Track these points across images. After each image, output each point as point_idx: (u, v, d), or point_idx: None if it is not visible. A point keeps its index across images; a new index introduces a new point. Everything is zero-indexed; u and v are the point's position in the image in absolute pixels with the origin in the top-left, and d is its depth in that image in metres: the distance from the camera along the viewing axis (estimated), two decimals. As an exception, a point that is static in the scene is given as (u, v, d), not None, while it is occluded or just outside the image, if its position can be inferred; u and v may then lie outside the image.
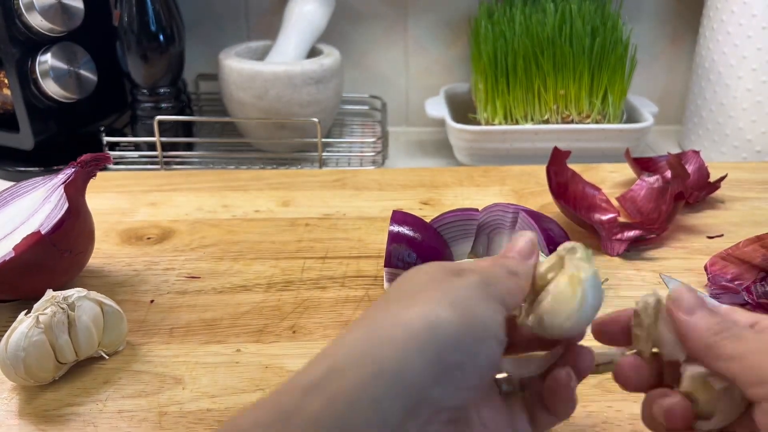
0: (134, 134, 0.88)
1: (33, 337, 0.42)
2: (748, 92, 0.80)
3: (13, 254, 0.48)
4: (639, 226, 0.61)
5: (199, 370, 0.46)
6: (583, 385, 0.43)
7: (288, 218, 0.66)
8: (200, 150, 0.89)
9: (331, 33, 0.93)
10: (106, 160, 0.54)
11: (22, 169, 0.81)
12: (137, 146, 0.87)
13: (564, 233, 0.55)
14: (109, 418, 0.42)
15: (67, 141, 0.85)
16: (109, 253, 0.60)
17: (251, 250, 0.61)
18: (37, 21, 0.73)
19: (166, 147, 0.84)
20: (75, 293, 0.45)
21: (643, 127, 0.82)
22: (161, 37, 0.82)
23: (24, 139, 0.78)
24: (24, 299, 0.51)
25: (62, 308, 0.44)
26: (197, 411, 0.42)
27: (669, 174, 0.66)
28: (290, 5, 0.89)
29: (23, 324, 0.42)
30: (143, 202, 0.70)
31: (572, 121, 0.84)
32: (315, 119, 0.82)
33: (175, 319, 0.51)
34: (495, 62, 0.81)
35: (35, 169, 0.81)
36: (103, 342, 0.46)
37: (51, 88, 0.76)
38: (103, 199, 0.70)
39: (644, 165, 0.71)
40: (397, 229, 0.53)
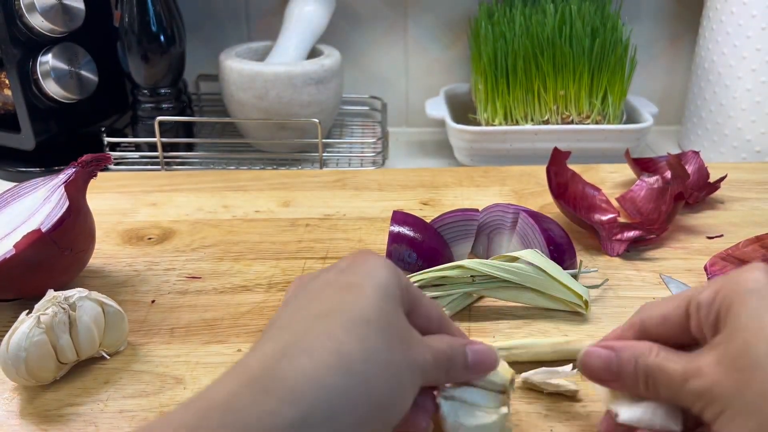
0: (135, 135, 0.88)
1: (34, 337, 0.42)
2: (748, 93, 0.80)
3: (13, 252, 0.48)
4: (639, 226, 0.61)
5: (200, 370, 0.46)
6: (582, 385, 0.43)
7: (288, 218, 0.67)
8: (201, 150, 0.90)
9: (332, 33, 0.93)
10: (106, 160, 0.54)
11: (23, 169, 0.81)
12: (138, 147, 0.87)
13: (564, 233, 0.55)
14: (110, 418, 0.42)
15: (68, 141, 0.85)
16: (110, 254, 0.60)
17: (252, 250, 0.61)
18: (38, 22, 0.73)
19: (166, 147, 0.84)
20: (76, 293, 0.45)
21: (642, 127, 0.82)
22: (162, 38, 0.82)
23: (25, 139, 0.78)
24: (25, 298, 0.51)
25: (63, 308, 0.44)
26: (198, 411, 0.42)
27: (669, 174, 0.66)
28: (291, 6, 0.89)
29: (24, 324, 0.42)
30: (144, 202, 0.70)
31: (572, 122, 0.84)
32: (315, 120, 0.82)
33: (175, 319, 0.51)
34: (495, 63, 0.82)
35: (36, 169, 0.81)
36: (104, 342, 0.46)
37: (52, 88, 0.76)
38: (104, 200, 0.70)
39: (644, 165, 0.71)
40: (397, 229, 0.53)
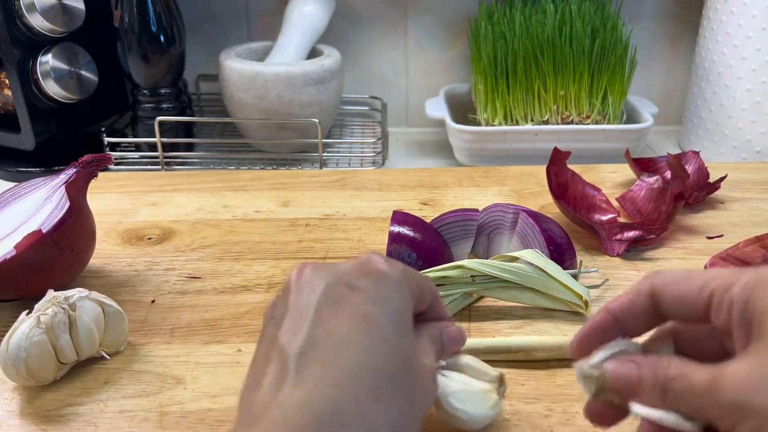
0: (135, 135, 0.88)
1: (34, 337, 0.42)
2: (748, 93, 0.80)
3: (14, 252, 0.48)
4: (639, 226, 0.61)
5: (200, 370, 0.46)
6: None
7: (288, 218, 0.67)
8: (201, 150, 0.90)
9: (332, 34, 0.94)
10: (107, 160, 0.54)
11: (23, 169, 0.81)
12: (138, 147, 0.87)
13: (564, 233, 0.55)
14: (110, 418, 0.42)
15: (68, 141, 0.85)
16: (110, 254, 0.60)
17: (252, 250, 0.61)
18: (38, 22, 0.73)
19: (166, 147, 0.84)
20: (76, 293, 0.45)
21: (642, 127, 0.82)
22: (162, 38, 0.82)
23: (25, 139, 0.78)
24: (25, 298, 0.51)
25: (63, 308, 0.44)
26: (198, 411, 0.42)
27: (669, 174, 0.66)
28: (291, 6, 0.89)
29: (24, 324, 0.42)
30: (144, 202, 0.70)
31: (572, 122, 0.84)
32: (315, 120, 0.82)
33: (176, 319, 0.51)
34: (495, 63, 0.82)
35: (36, 169, 0.81)
36: (104, 342, 0.46)
37: (52, 88, 0.76)
38: (104, 200, 0.70)
39: (644, 165, 0.71)
40: (397, 229, 0.53)
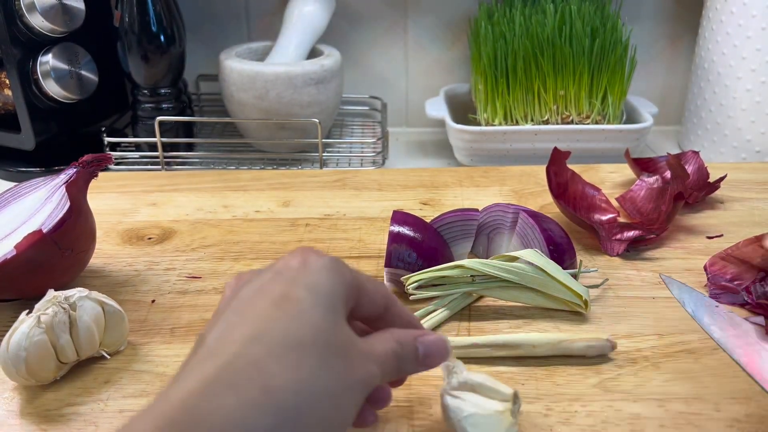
0: (135, 135, 0.88)
1: (34, 336, 0.42)
2: (748, 93, 0.80)
3: (14, 252, 0.48)
4: (639, 226, 0.61)
5: (200, 370, 0.46)
6: (582, 385, 0.43)
7: (288, 218, 0.67)
8: (201, 150, 0.90)
9: (331, 33, 0.94)
10: (107, 160, 0.54)
11: (23, 169, 0.81)
12: (138, 147, 0.87)
13: (564, 233, 0.55)
14: (111, 418, 0.42)
15: (68, 141, 0.85)
16: (110, 253, 0.60)
17: (252, 250, 0.61)
18: (38, 21, 0.73)
19: (166, 147, 0.84)
20: (76, 293, 0.45)
21: (642, 127, 0.82)
22: (162, 38, 0.82)
23: (25, 139, 0.78)
24: (25, 298, 0.51)
25: (63, 308, 0.44)
26: (198, 410, 0.42)
27: (668, 174, 0.66)
28: (291, 6, 0.89)
29: (24, 324, 0.42)
30: (144, 202, 0.70)
31: (572, 122, 0.84)
32: (315, 120, 0.82)
33: (176, 319, 0.51)
34: (495, 63, 0.82)
35: (36, 169, 0.81)
36: (105, 342, 0.46)
37: (52, 88, 0.76)
38: (104, 200, 0.70)
39: (644, 165, 0.71)
40: (397, 229, 0.53)
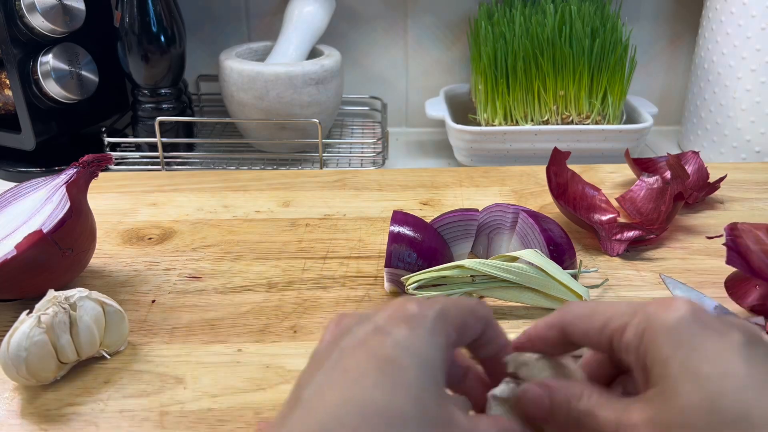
0: (135, 135, 0.88)
1: (35, 337, 0.42)
2: (747, 93, 0.80)
3: (14, 252, 0.48)
4: (638, 226, 0.61)
5: (201, 370, 0.46)
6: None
7: (288, 218, 0.67)
8: (201, 150, 0.90)
9: (331, 34, 0.94)
10: (107, 160, 0.54)
11: (23, 169, 0.81)
12: (138, 147, 0.87)
13: (564, 233, 0.56)
14: (111, 418, 0.42)
15: (69, 142, 0.85)
16: (111, 253, 0.60)
17: (252, 250, 0.61)
18: (38, 22, 0.73)
19: (167, 147, 0.84)
20: (76, 293, 0.45)
21: (642, 127, 0.82)
22: (162, 38, 0.82)
23: (25, 139, 0.78)
24: (26, 298, 0.51)
25: (64, 308, 0.44)
26: (198, 411, 0.42)
27: (668, 174, 0.66)
28: (291, 6, 0.89)
29: (25, 324, 0.42)
30: (144, 202, 0.70)
31: (572, 122, 0.84)
32: (315, 120, 0.82)
33: (176, 319, 0.51)
34: (495, 63, 0.82)
35: (37, 169, 0.81)
36: (105, 342, 0.46)
37: (52, 88, 0.76)
38: (105, 200, 0.70)
39: (644, 165, 0.71)
40: (397, 229, 0.53)
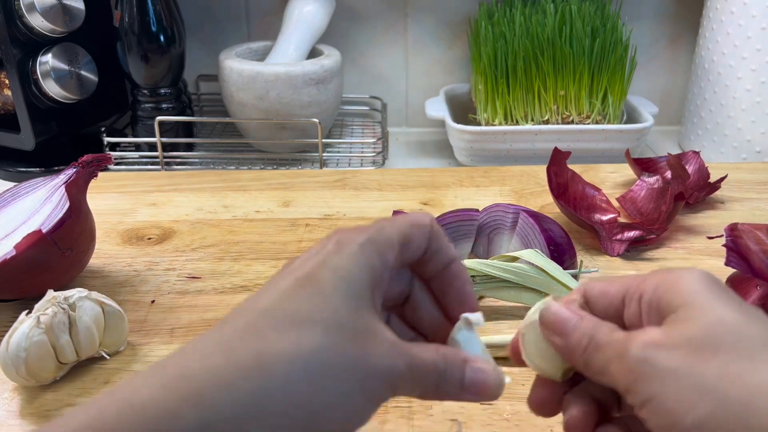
0: (135, 135, 0.88)
1: (34, 337, 0.42)
2: (748, 93, 0.80)
3: (14, 252, 0.48)
4: (639, 226, 0.61)
5: (200, 370, 0.46)
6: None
7: (288, 218, 0.67)
8: (201, 150, 0.90)
9: (331, 33, 0.93)
10: (107, 160, 0.54)
11: (23, 169, 0.81)
12: (138, 147, 0.87)
13: (564, 233, 0.55)
14: (110, 418, 0.42)
15: (68, 141, 0.85)
16: (110, 254, 0.60)
17: (252, 250, 0.61)
18: (38, 22, 0.73)
19: (166, 147, 0.84)
20: (76, 293, 0.45)
21: (643, 127, 0.82)
22: (162, 38, 0.82)
23: (25, 139, 0.78)
24: (25, 298, 0.51)
25: (63, 308, 0.44)
26: (198, 411, 0.42)
27: (669, 174, 0.66)
28: (290, 6, 0.89)
29: (24, 324, 0.42)
30: (144, 202, 0.70)
31: (572, 122, 0.84)
32: (315, 120, 0.82)
33: (176, 320, 0.51)
34: (495, 63, 0.82)
35: (36, 169, 0.81)
36: (104, 342, 0.46)
37: (52, 88, 0.76)
38: (104, 200, 0.70)
39: (644, 165, 0.71)
40: (397, 229, 0.53)
